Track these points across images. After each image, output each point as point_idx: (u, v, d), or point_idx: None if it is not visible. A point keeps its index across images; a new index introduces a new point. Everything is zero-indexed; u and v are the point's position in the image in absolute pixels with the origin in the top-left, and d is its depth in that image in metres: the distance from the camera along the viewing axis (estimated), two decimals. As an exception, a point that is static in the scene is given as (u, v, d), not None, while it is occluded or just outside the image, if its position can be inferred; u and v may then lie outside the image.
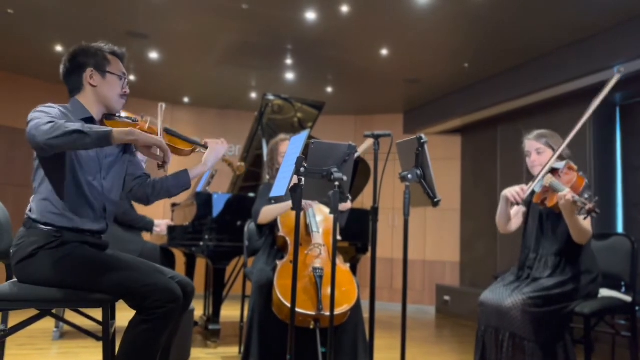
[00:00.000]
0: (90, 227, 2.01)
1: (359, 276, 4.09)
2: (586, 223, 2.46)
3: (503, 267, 2.61)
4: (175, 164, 2.23)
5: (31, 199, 2.00)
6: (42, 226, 1.93)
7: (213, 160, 2.25)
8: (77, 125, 1.74)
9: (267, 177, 3.42)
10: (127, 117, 2.12)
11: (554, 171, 2.58)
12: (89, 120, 2.02)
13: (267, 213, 3.19)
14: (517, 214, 2.85)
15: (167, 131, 2.11)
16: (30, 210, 1.97)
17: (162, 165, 1.93)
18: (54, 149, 1.78)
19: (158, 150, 1.89)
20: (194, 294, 2.18)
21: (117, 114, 2.13)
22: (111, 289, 1.90)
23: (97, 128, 1.77)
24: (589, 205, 2.19)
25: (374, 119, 7.76)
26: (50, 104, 1.93)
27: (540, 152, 2.70)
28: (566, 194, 2.32)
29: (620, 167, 5.18)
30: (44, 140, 1.72)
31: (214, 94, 7.26)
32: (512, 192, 2.61)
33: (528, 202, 2.79)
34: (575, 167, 2.55)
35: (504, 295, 2.51)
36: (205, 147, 2.25)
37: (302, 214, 3.13)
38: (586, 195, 2.31)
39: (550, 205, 2.48)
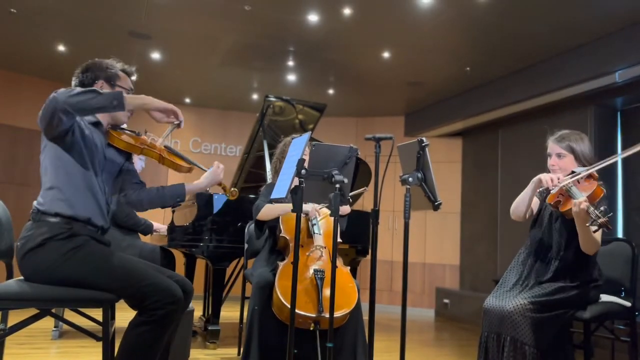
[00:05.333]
0: (95, 220, 2.04)
1: (359, 278, 4.08)
2: (597, 235, 2.41)
3: (503, 271, 2.60)
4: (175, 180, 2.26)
5: (41, 192, 2.03)
6: (52, 218, 1.95)
7: (211, 179, 2.33)
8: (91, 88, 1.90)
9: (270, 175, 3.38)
10: (131, 131, 2.21)
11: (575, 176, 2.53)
12: (96, 124, 2.11)
13: (267, 211, 3.18)
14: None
15: (167, 148, 2.24)
16: (38, 203, 1.99)
17: (178, 125, 2.13)
18: (72, 108, 1.85)
19: (171, 115, 2.09)
20: (192, 294, 2.19)
21: (122, 127, 2.21)
22: (113, 286, 1.91)
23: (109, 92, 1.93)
24: (602, 220, 2.14)
25: (375, 121, 7.76)
26: None
27: (561, 156, 2.68)
28: (582, 201, 2.27)
29: (620, 172, 5.18)
30: (64, 98, 1.82)
31: (216, 95, 7.27)
32: (547, 177, 2.54)
33: (543, 198, 2.73)
34: (597, 175, 2.51)
35: (506, 299, 2.51)
36: (203, 168, 2.34)
37: (303, 216, 3.12)
38: (602, 208, 2.27)
39: (562, 210, 2.43)
